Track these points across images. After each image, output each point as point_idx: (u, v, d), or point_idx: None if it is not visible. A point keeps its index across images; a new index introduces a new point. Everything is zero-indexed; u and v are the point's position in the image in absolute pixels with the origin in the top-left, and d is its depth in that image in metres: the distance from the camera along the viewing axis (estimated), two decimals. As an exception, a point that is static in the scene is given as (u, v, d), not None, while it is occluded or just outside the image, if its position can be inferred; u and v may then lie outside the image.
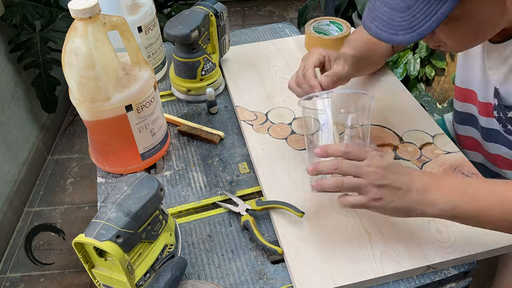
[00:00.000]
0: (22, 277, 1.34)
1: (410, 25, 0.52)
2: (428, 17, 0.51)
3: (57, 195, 1.59)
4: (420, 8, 0.51)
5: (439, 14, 0.50)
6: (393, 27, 0.53)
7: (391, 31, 0.53)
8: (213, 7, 0.83)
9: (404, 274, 0.55)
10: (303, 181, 0.66)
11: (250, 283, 0.56)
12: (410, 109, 0.78)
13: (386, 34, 0.54)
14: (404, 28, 0.52)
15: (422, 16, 0.51)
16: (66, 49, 0.59)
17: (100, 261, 0.51)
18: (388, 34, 0.54)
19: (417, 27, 0.51)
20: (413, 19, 0.52)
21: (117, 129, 0.65)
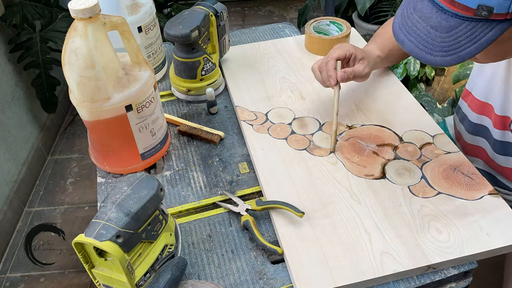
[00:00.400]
0: (22, 277, 1.34)
1: (450, 48, 0.49)
2: (471, 42, 0.48)
3: (57, 195, 1.59)
4: (464, 31, 0.48)
5: (483, 40, 0.47)
6: (431, 46, 0.50)
7: (427, 50, 0.50)
8: (213, 7, 0.83)
9: (404, 274, 0.55)
10: (303, 181, 0.66)
11: (250, 283, 0.56)
12: (410, 109, 0.78)
13: (422, 52, 0.51)
14: (443, 50, 0.49)
15: (466, 40, 0.48)
16: (66, 49, 0.59)
17: (100, 261, 0.51)
18: (424, 53, 0.51)
19: (459, 51, 0.48)
20: (454, 41, 0.49)
21: (117, 129, 0.65)
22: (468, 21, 0.48)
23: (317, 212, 0.61)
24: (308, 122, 0.77)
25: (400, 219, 0.60)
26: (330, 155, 0.70)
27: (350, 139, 0.73)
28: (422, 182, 0.65)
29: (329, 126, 0.76)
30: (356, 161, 0.69)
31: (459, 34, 0.48)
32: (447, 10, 0.48)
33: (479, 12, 0.46)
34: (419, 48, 0.51)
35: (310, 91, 0.84)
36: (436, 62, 0.50)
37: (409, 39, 0.52)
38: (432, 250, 0.56)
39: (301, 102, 0.81)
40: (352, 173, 0.67)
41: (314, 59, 0.93)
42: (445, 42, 0.49)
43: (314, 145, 0.72)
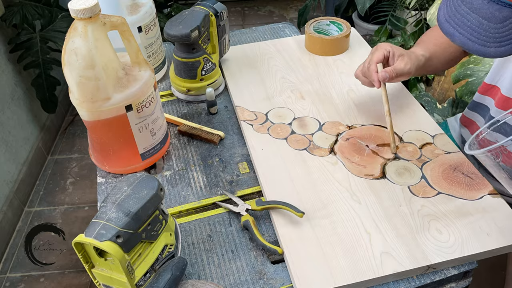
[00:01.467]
0: (22, 277, 1.34)
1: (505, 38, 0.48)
2: None
3: (57, 195, 1.59)
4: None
5: None
6: (484, 37, 0.49)
7: (480, 42, 0.50)
8: (213, 7, 0.83)
9: (404, 274, 0.55)
10: (303, 181, 0.66)
11: (250, 283, 0.56)
12: (410, 109, 0.78)
13: (475, 45, 0.50)
14: (498, 41, 0.49)
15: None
16: (66, 49, 0.59)
17: (100, 261, 0.51)
18: (477, 45, 0.50)
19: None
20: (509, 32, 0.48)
21: (117, 129, 0.65)
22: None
23: (317, 212, 0.61)
24: (308, 122, 0.77)
25: (400, 219, 0.60)
26: (330, 155, 0.70)
27: (350, 139, 0.73)
28: (422, 182, 0.65)
29: (329, 126, 0.76)
30: (356, 161, 0.69)
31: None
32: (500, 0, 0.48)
33: None
34: (471, 40, 0.50)
35: (310, 91, 0.84)
36: (491, 53, 0.49)
37: (459, 32, 0.51)
38: (432, 250, 0.56)
39: (301, 102, 0.81)
40: (352, 173, 0.67)
41: (314, 59, 0.93)
42: (499, 33, 0.48)
43: (314, 145, 0.72)
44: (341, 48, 0.93)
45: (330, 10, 2.05)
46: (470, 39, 0.50)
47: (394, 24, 1.64)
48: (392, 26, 1.64)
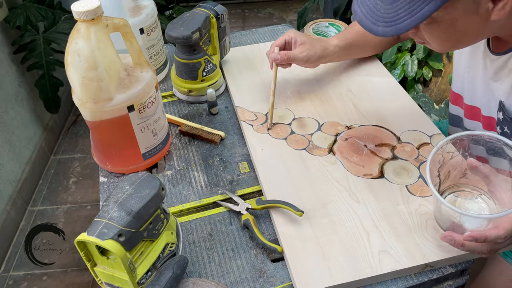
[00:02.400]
0: (25, 275, 1.35)
1: (391, 19, 0.52)
2: (409, 14, 0.51)
3: (60, 194, 1.60)
4: (404, 4, 0.51)
5: (420, 14, 0.50)
6: (376, 17, 0.53)
7: (373, 20, 0.54)
8: (214, 9, 0.84)
9: (402, 272, 0.55)
10: (303, 181, 0.67)
11: (250, 281, 0.57)
12: (407, 109, 0.79)
13: (368, 22, 0.54)
14: (386, 21, 0.53)
15: (405, 13, 0.51)
16: (69, 50, 0.60)
17: (102, 260, 0.52)
18: (370, 23, 0.54)
19: (398, 23, 0.52)
20: (395, 13, 0.52)
21: (119, 129, 0.66)
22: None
23: (317, 211, 0.62)
24: (308, 123, 0.78)
25: (398, 218, 0.60)
26: (329, 154, 0.71)
27: (349, 139, 0.74)
28: (419, 181, 0.65)
29: (328, 127, 0.76)
30: (354, 160, 0.69)
31: (399, 7, 0.51)
32: None
33: None
34: (366, 18, 0.54)
35: (310, 92, 0.85)
36: (379, 32, 0.53)
37: (360, 10, 0.55)
38: (430, 249, 0.56)
39: (301, 103, 0.82)
40: (351, 173, 0.67)
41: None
42: (387, 13, 0.52)
43: (313, 145, 0.73)
44: None
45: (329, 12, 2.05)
46: (366, 17, 0.54)
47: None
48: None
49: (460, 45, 0.60)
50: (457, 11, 0.52)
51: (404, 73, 1.53)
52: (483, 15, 0.52)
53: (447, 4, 0.50)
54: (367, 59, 0.92)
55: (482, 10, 0.52)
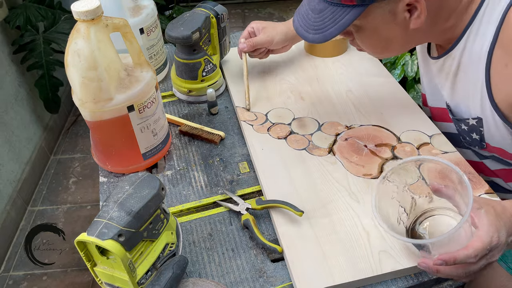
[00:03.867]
0: (25, 275, 1.35)
1: (319, 27, 0.57)
2: (333, 23, 0.56)
3: (60, 194, 1.60)
4: (328, 14, 0.56)
5: (342, 22, 0.55)
6: (307, 25, 0.58)
7: (305, 28, 0.59)
8: (214, 9, 0.84)
9: (402, 272, 0.55)
10: (303, 181, 0.67)
11: (250, 281, 0.57)
12: (407, 109, 0.79)
13: (302, 30, 0.59)
14: (315, 29, 0.57)
15: (329, 21, 0.56)
16: (69, 50, 0.60)
17: (102, 260, 0.52)
18: (303, 30, 0.59)
19: (324, 30, 0.57)
20: (322, 22, 0.57)
21: (119, 129, 0.66)
22: (331, 6, 0.56)
23: (316, 211, 0.62)
24: (308, 122, 0.78)
25: (398, 218, 0.60)
26: (329, 154, 0.71)
27: (349, 139, 0.74)
28: (419, 181, 0.65)
29: (328, 127, 0.77)
30: (354, 160, 0.69)
31: (325, 16, 0.56)
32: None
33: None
34: (300, 26, 0.60)
35: (310, 92, 0.85)
36: (309, 38, 0.58)
37: (297, 19, 0.61)
38: (430, 249, 0.56)
39: (301, 103, 0.82)
40: (351, 173, 0.67)
41: (313, 60, 0.94)
42: (316, 22, 0.57)
43: (313, 145, 0.73)
44: (339, 50, 0.94)
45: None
46: (300, 25, 0.60)
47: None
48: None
49: (390, 51, 0.64)
50: (376, 20, 0.57)
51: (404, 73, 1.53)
52: (401, 24, 0.57)
53: (365, 14, 0.55)
54: (367, 59, 0.92)
55: (399, 19, 0.56)
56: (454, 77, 0.65)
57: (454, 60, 0.63)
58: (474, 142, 0.68)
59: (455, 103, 0.67)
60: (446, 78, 0.66)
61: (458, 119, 0.67)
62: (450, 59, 0.64)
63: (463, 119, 0.66)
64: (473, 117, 0.64)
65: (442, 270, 0.49)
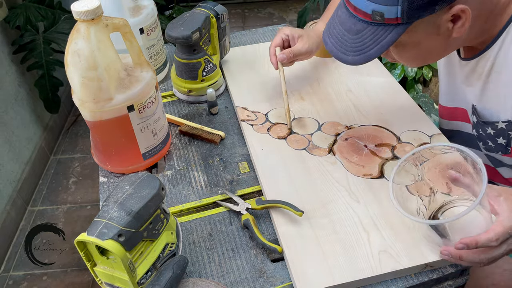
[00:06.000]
0: (25, 275, 1.35)
1: (359, 48, 0.55)
2: (375, 43, 0.54)
3: (60, 194, 1.60)
4: (368, 34, 0.54)
5: (385, 42, 0.53)
6: (344, 47, 0.56)
7: (342, 50, 0.57)
8: (214, 9, 0.84)
9: (402, 272, 0.55)
10: (303, 181, 0.67)
11: (250, 281, 0.57)
12: (407, 109, 0.79)
13: (339, 52, 0.57)
14: (354, 50, 0.55)
15: (370, 41, 0.54)
16: (69, 50, 0.60)
17: (102, 260, 0.52)
18: (340, 52, 0.57)
19: (366, 51, 0.55)
20: (362, 43, 0.55)
21: (119, 129, 0.66)
22: (371, 25, 0.54)
23: (316, 211, 0.62)
24: (308, 123, 0.78)
25: (398, 218, 0.60)
26: (329, 154, 0.71)
27: (349, 139, 0.74)
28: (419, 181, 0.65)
29: (328, 127, 0.77)
30: (354, 160, 0.69)
31: (365, 37, 0.54)
32: (355, 15, 0.55)
33: (374, 16, 0.53)
34: (336, 48, 0.58)
35: (310, 92, 0.85)
36: (349, 60, 0.56)
37: (330, 41, 0.59)
38: (430, 249, 0.56)
39: (301, 103, 0.82)
40: (351, 173, 0.67)
41: (312, 60, 0.94)
42: (355, 43, 0.55)
43: (313, 145, 0.73)
44: None
45: (329, 11, 2.05)
46: (336, 47, 0.58)
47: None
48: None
49: (428, 61, 0.63)
50: (419, 34, 0.55)
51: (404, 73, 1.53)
52: (444, 34, 0.55)
53: (409, 29, 0.53)
54: (367, 59, 0.92)
55: (443, 30, 0.55)
56: (486, 78, 0.63)
57: (488, 61, 0.61)
58: (497, 148, 0.66)
59: (483, 105, 0.65)
60: (478, 79, 0.64)
61: (484, 122, 0.65)
62: (484, 60, 0.62)
63: (491, 122, 0.64)
64: (503, 120, 0.62)
65: (465, 256, 0.50)
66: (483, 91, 0.64)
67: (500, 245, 0.49)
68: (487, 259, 0.50)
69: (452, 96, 0.74)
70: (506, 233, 0.48)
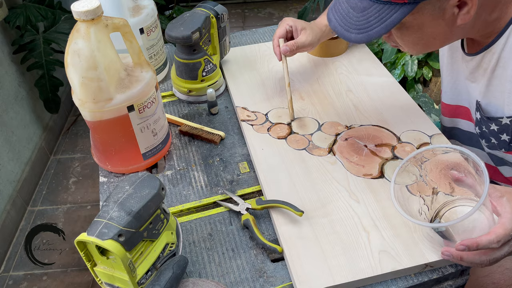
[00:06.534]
0: (25, 275, 1.35)
1: (363, 26, 0.54)
2: (379, 22, 0.53)
3: (60, 194, 1.60)
4: (374, 12, 0.53)
5: (389, 21, 0.52)
6: (349, 24, 0.55)
7: (346, 28, 0.56)
8: (214, 9, 0.84)
9: (402, 272, 0.55)
10: (303, 181, 0.67)
11: (250, 281, 0.57)
12: (407, 109, 0.79)
13: (342, 29, 0.56)
14: (358, 28, 0.55)
15: (375, 20, 0.53)
16: (69, 50, 0.60)
17: (102, 260, 0.52)
18: (343, 29, 0.56)
19: (369, 29, 0.54)
20: (366, 21, 0.54)
21: (119, 129, 0.66)
22: (377, 3, 0.53)
23: (316, 211, 0.62)
24: (308, 122, 0.78)
25: (398, 218, 0.60)
26: (329, 154, 0.71)
27: (349, 139, 0.74)
28: (420, 181, 0.65)
29: (328, 127, 0.77)
30: (354, 160, 0.69)
31: (370, 15, 0.54)
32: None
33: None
34: (340, 25, 0.56)
35: (310, 92, 0.85)
36: (351, 38, 0.55)
37: (335, 18, 0.57)
38: (430, 249, 0.56)
39: (301, 103, 0.82)
40: (351, 173, 0.67)
41: (312, 60, 0.94)
42: (359, 21, 0.54)
43: (313, 145, 0.73)
44: (339, 50, 0.94)
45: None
46: (340, 24, 0.57)
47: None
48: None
49: (430, 48, 0.62)
50: (424, 17, 0.54)
51: (404, 73, 1.53)
52: (449, 20, 0.55)
53: (414, 11, 0.52)
54: (367, 59, 0.92)
55: (448, 15, 0.54)
56: (492, 73, 0.62)
57: (493, 55, 0.61)
58: (500, 145, 0.65)
59: (488, 101, 0.64)
60: (483, 74, 0.63)
61: (488, 118, 0.64)
62: (490, 54, 0.61)
63: (495, 118, 0.63)
64: (508, 115, 0.61)
65: (465, 257, 0.50)
66: (488, 87, 0.63)
67: (502, 247, 0.48)
68: (488, 260, 0.49)
69: (455, 94, 0.74)
70: (507, 235, 0.48)
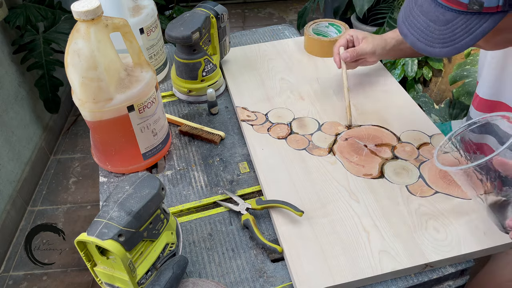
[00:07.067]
0: (25, 275, 1.35)
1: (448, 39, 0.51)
2: (467, 33, 0.50)
3: (60, 194, 1.60)
4: (460, 24, 0.50)
5: (479, 31, 0.50)
6: (430, 38, 0.53)
7: (427, 42, 0.53)
8: (214, 9, 0.84)
9: (402, 272, 0.55)
10: (303, 181, 0.67)
11: (250, 281, 0.57)
12: (408, 109, 0.79)
13: (422, 44, 0.53)
14: (442, 42, 0.52)
15: (462, 32, 0.50)
16: (69, 50, 0.60)
17: (102, 260, 0.52)
18: (424, 45, 0.53)
19: (455, 42, 0.51)
20: (451, 33, 0.51)
21: (119, 129, 0.66)
22: (463, 15, 0.50)
23: (316, 211, 0.62)
24: (308, 123, 0.78)
25: (398, 218, 0.60)
26: (329, 154, 0.71)
27: (349, 139, 0.74)
28: (419, 181, 0.65)
29: (328, 127, 0.77)
30: (354, 160, 0.69)
31: (455, 27, 0.51)
32: (443, 4, 0.51)
33: (471, 6, 0.49)
34: (419, 40, 0.54)
35: (310, 92, 0.85)
36: (436, 53, 0.53)
37: (411, 33, 0.54)
38: (430, 249, 0.56)
39: (301, 103, 0.82)
40: (351, 173, 0.67)
41: (313, 60, 0.94)
42: (443, 34, 0.52)
43: (313, 145, 0.73)
44: None
45: (329, 12, 2.06)
46: (419, 40, 0.54)
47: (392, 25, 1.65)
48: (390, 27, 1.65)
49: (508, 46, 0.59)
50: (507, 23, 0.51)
51: (404, 73, 1.53)
52: None
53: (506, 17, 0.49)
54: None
55: None
56: None
57: None
58: None
59: None
60: None
61: None
62: None
63: None
64: None
65: None
66: None
67: None
68: None
69: (499, 89, 0.71)
70: None
